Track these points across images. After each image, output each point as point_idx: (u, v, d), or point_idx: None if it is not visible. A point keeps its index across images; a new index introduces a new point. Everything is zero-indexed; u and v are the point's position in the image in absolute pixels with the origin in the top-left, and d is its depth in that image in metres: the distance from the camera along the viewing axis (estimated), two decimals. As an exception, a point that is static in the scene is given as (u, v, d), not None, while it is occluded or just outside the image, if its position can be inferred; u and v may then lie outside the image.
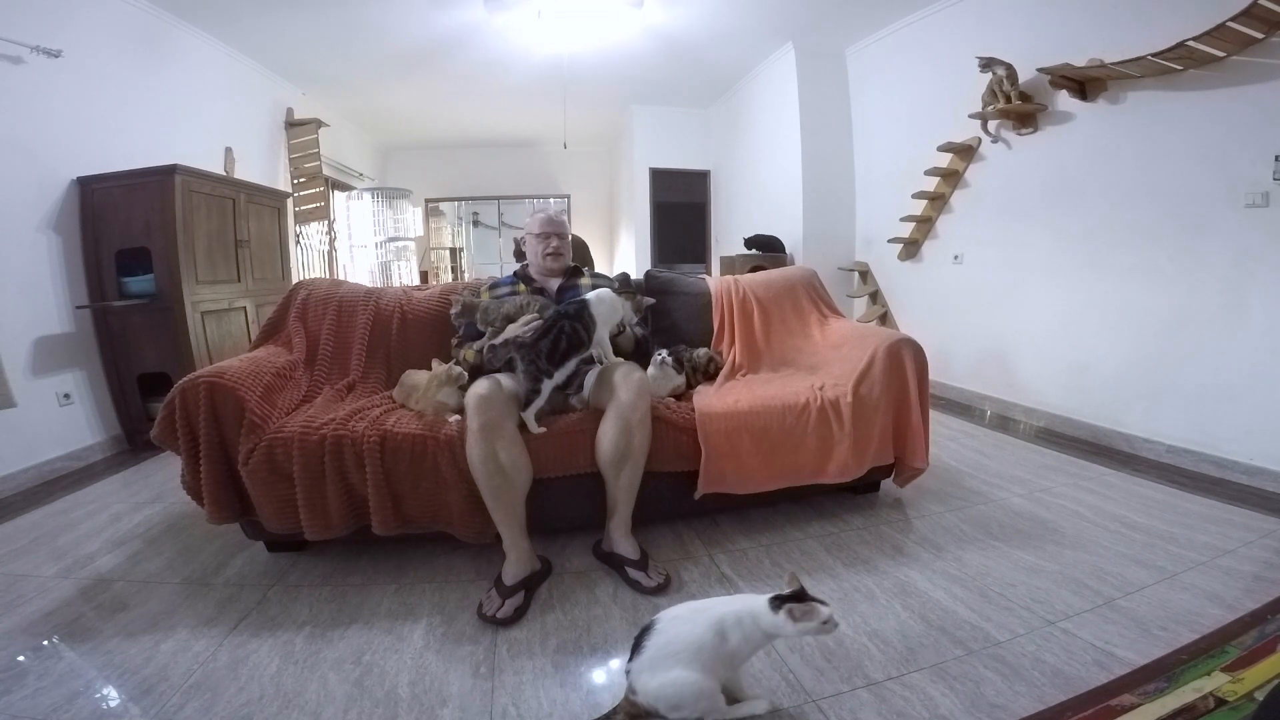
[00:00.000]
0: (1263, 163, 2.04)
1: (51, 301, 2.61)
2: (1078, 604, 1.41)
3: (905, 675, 1.19)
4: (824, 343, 2.23)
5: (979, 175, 3.28)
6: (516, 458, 1.54)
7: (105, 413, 2.82)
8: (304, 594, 1.55)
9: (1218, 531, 1.75)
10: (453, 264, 7.47)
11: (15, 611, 1.49)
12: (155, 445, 1.71)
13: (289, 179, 4.47)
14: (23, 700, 1.16)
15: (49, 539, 1.91)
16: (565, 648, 1.31)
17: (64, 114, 2.66)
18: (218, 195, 3.02)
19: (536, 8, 3.45)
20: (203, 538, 1.87)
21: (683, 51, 4.21)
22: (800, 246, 4.25)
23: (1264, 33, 1.93)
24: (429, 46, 3.99)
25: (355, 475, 1.57)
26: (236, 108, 3.90)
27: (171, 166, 2.71)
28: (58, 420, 2.60)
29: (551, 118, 5.42)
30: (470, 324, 1.95)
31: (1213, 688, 1.09)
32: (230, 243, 3.09)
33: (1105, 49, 2.41)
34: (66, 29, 2.62)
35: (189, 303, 2.77)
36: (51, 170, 2.62)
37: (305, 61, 4.15)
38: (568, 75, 4.43)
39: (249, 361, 1.75)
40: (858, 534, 1.82)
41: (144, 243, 2.74)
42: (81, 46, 2.69)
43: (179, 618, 1.45)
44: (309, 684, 1.21)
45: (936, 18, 3.41)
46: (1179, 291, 2.36)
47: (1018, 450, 2.60)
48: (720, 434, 1.73)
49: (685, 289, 2.40)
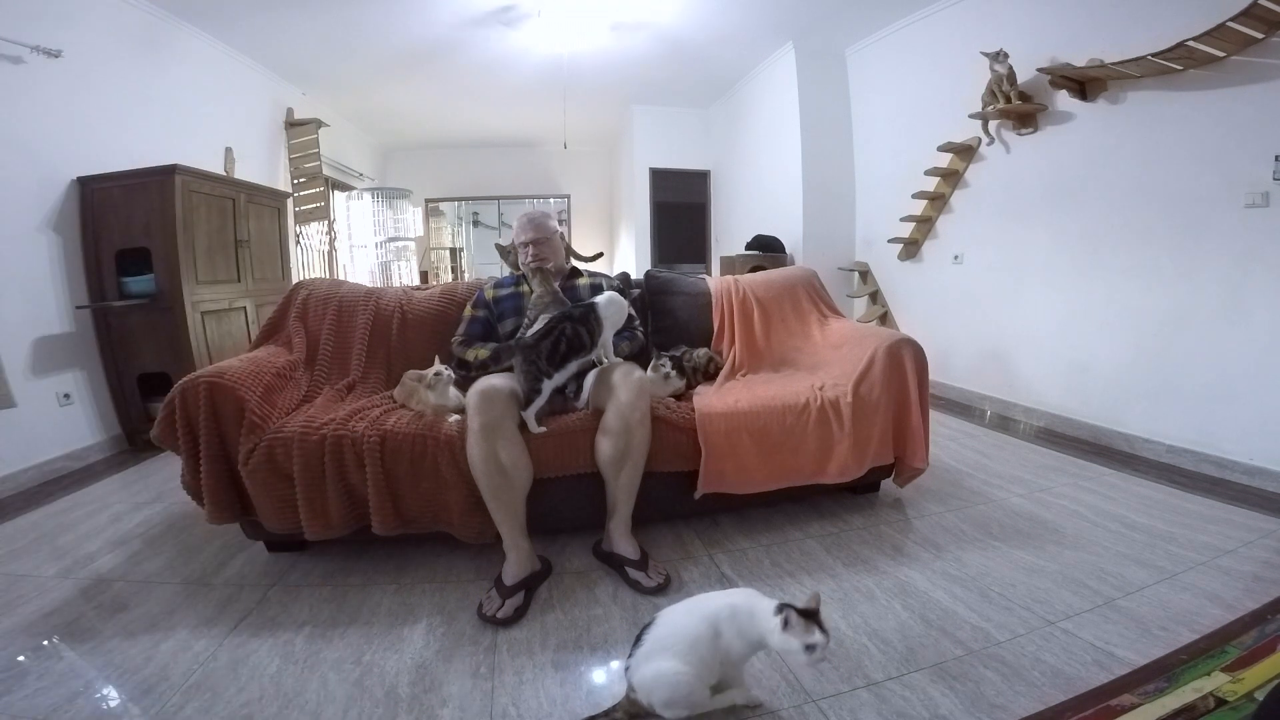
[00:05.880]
0: (1263, 163, 2.04)
1: (51, 301, 2.61)
2: (1078, 604, 1.41)
3: (905, 675, 1.19)
4: (824, 343, 2.23)
5: (979, 175, 3.28)
6: (517, 457, 1.54)
7: (105, 413, 2.82)
8: (304, 594, 1.55)
9: (1218, 531, 1.75)
10: (453, 264, 7.47)
11: (15, 611, 1.49)
12: (155, 445, 1.71)
13: (289, 179, 4.47)
14: (23, 700, 1.16)
15: (49, 539, 1.91)
16: (565, 648, 1.31)
17: (64, 114, 2.66)
18: (218, 195, 3.02)
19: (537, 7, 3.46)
20: (203, 538, 1.87)
21: (683, 51, 4.21)
22: (800, 246, 4.25)
23: (1264, 33, 1.93)
24: (429, 46, 3.99)
25: (355, 475, 1.57)
26: (236, 108, 3.90)
27: (171, 166, 2.71)
28: (58, 420, 2.60)
29: (551, 118, 5.42)
30: (473, 322, 1.96)
31: (1213, 688, 1.09)
32: (230, 243, 3.09)
33: (1105, 49, 2.41)
34: (66, 29, 2.62)
35: (189, 303, 2.77)
36: (51, 170, 2.62)
37: (305, 61, 4.15)
38: (568, 75, 4.43)
39: (249, 361, 1.75)
40: (858, 534, 1.82)
41: (144, 243, 2.74)
42: (81, 46, 2.69)
43: (179, 618, 1.45)
44: (309, 684, 1.21)
45: (936, 18, 3.41)
46: (1179, 291, 2.36)
47: (1018, 450, 2.60)
48: (720, 434, 1.73)
49: (685, 289, 2.40)
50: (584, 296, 1.90)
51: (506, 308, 1.97)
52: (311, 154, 4.52)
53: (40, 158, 2.56)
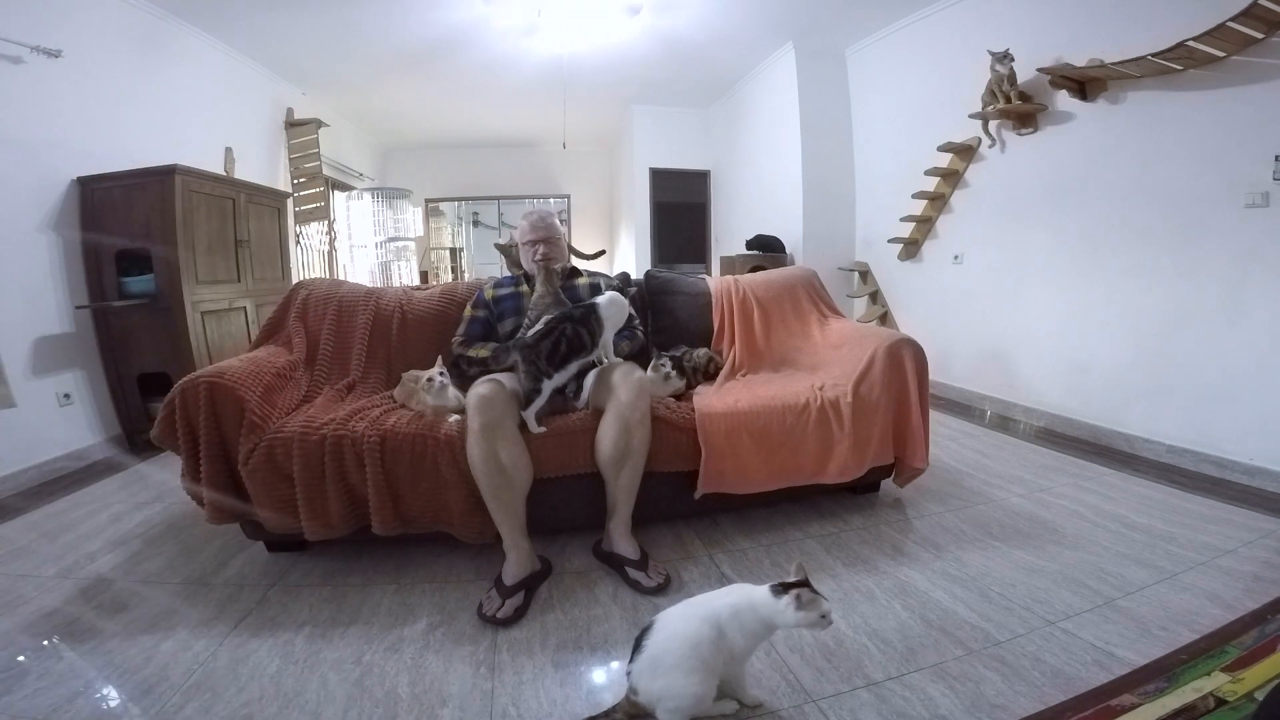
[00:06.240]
0: (1263, 163, 2.04)
1: (51, 301, 2.61)
2: (1078, 604, 1.41)
3: (905, 675, 1.19)
4: (824, 343, 2.23)
5: (979, 175, 3.28)
6: (517, 457, 1.54)
7: (105, 413, 2.82)
8: (304, 594, 1.55)
9: (1218, 531, 1.75)
10: (453, 264, 7.47)
11: (15, 611, 1.49)
12: (155, 445, 1.71)
13: (289, 179, 4.47)
14: (23, 700, 1.16)
15: (49, 539, 1.91)
16: (565, 647, 1.31)
17: (64, 114, 2.65)
18: (218, 195, 3.02)
19: (537, 7, 3.46)
20: (203, 538, 1.87)
21: (683, 51, 4.21)
22: (800, 246, 4.25)
23: (1264, 33, 1.93)
24: (429, 46, 3.99)
25: (355, 475, 1.57)
26: (236, 108, 3.90)
27: (171, 166, 2.71)
28: (58, 420, 2.60)
29: (551, 118, 5.42)
30: (473, 322, 1.96)
31: (1213, 688, 1.09)
32: (230, 243, 3.09)
33: (1105, 49, 2.41)
34: (66, 29, 2.62)
35: (189, 303, 2.77)
36: (51, 170, 2.62)
37: (305, 61, 4.15)
38: (568, 75, 4.43)
39: (249, 361, 1.75)
40: (858, 534, 1.82)
41: (144, 243, 2.73)
42: (81, 46, 2.69)
43: (179, 618, 1.45)
44: (309, 684, 1.21)
45: (936, 18, 3.41)
46: (1179, 291, 2.36)
47: (1018, 450, 2.60)
48: (720, 434, 1.73)
49: (685, 289, 2.40)
50: (584, 296, 1.90)
51: (506, 308, 1.97)
52: (311, 154, 4.51)
53: (40, 158, 2.56)
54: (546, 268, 1.89)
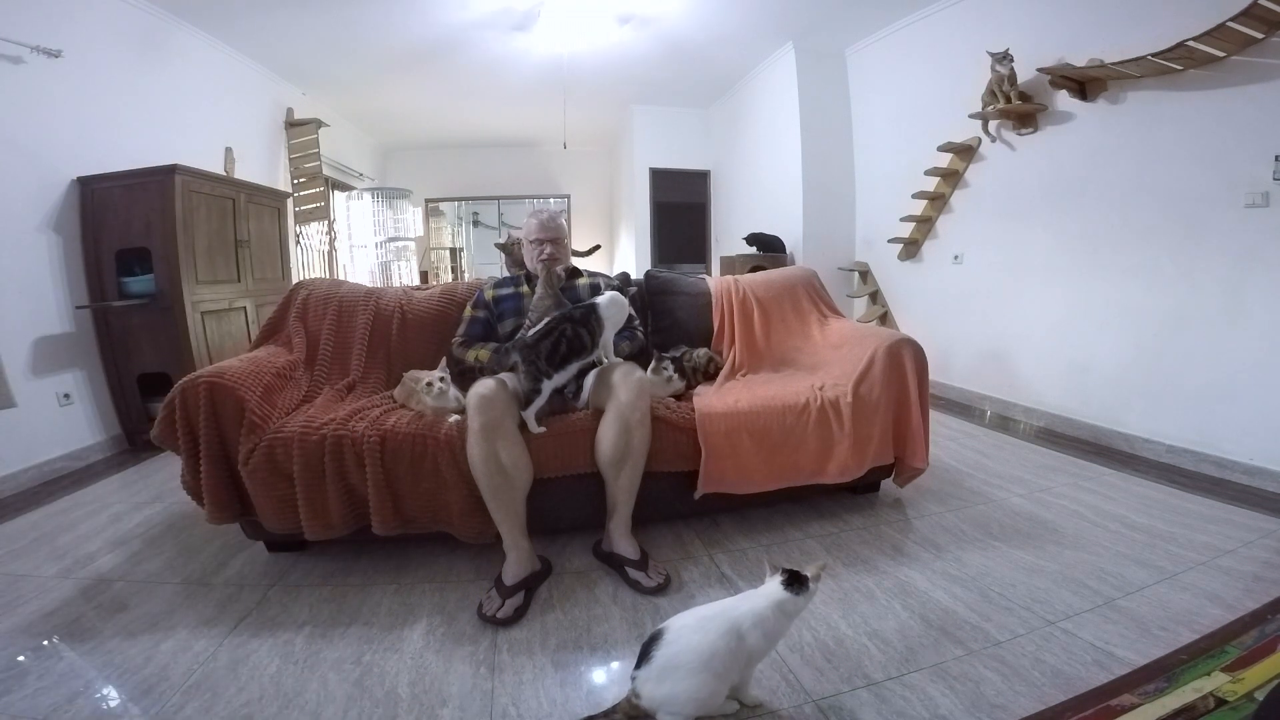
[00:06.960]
0: (1263, 163, 2.04)
1: (51, 301, 2.61)
2: (1078, 604, 1.41)
3: (905, 675, 1.19)
4: (824, 343, 2.23)
5: (979, 175, 3.28)
6: (517, 457, 1.54)
7: (105, 413, 2.82)
8: (304, 594, 1.55)
9: (1218, 531, 1.75)
10: (453, 264, 7.47)
11: (15, 611, 1.49)
12: (155, 445, 1.71)
13: (289, 179, 4.47)
14: (23, 700, 1.16)
15: (49, 539, 1.91)
16: (565, 648, 1.31)
17: (64, 114, 2.66)
18: (218, 195, 3.02)
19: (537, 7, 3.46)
20: (203, 538, 1.87)
21: (683, 51, 4.21)
22: (800, 246, 4.25)
23: (1264, 33, 1.93)
24: (429, 46, 3.99)
25: (355, 475, 1.57)
26: (236, 108, 3.90)
27: (171, 166, 2.71)
28: (58, 420, 2.60)
29: (551, 118, 5.41)
30: (473, 322, 1.95)
31: (1213, 688, 1.09)
32: (230, 243, 3.09)
33: (1105, 49, 2.41)
34: (66, 29, 2.62)
35: (189, 303, 2.77)
36: (51, 170, 2.62)
37: (305, 61, 4.15)
38: (568, 75, 4.43)
39: (249, 361, 1.75)
40: (858, 534, 1.82)
41: (144, 243, 2.74)
42: (81, 46, 2.69)
43: (179, 618, 1.45)
44: (309, 684, 1.21)
45: (936, 18, 3.41)
46: (1179, 291, 2.36)
47: (1018, 450, 2.60)
48: (720, 434, 1.73)
49: (685, 289, 2.40)
50: (584, 296, 1.90)
51: (507, 308, 1.97)
52: (311, 154, 4.52)
53: (40, 158, 2.56)
54: (549, 268, 1.89)
